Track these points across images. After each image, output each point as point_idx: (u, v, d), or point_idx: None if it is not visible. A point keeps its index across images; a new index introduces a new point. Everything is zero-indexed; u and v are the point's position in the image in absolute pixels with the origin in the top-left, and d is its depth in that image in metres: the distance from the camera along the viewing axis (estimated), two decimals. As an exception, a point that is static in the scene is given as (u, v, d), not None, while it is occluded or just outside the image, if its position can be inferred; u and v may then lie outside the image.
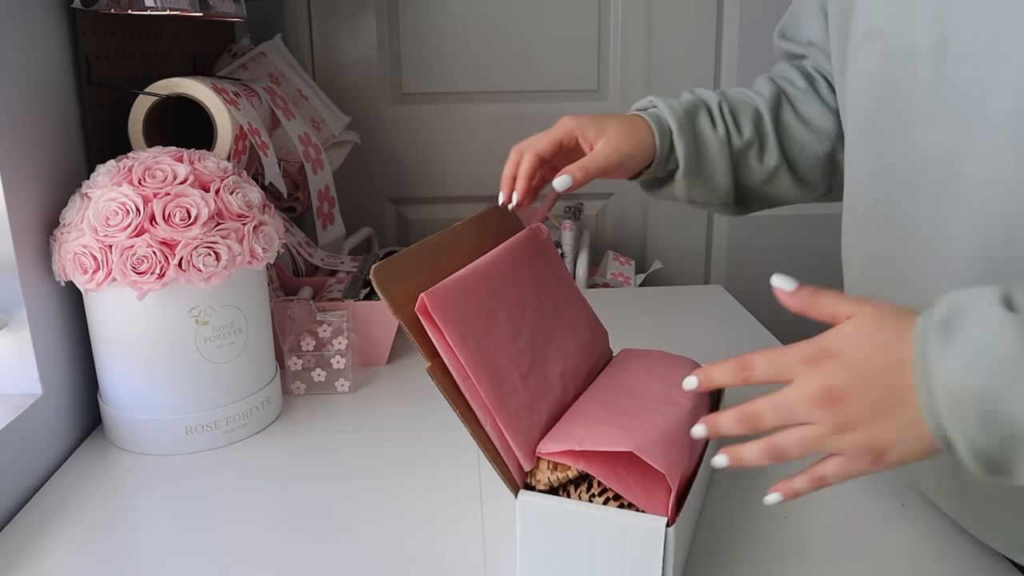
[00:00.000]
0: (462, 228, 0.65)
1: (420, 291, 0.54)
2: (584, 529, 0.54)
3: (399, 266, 0.56)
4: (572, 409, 0.60)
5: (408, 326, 0.54)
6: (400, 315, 0.54)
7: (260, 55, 1.22)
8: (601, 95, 1.57)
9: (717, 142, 0.70)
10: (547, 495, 0.55)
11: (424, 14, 1.51)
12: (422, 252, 0.59)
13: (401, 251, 0.57)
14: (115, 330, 0.75)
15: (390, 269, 0.55)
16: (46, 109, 0.78)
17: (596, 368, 0.69)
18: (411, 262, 0.57)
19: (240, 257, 0.74)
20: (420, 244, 0.59)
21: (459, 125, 1.57)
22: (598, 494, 0.54)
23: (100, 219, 0.71)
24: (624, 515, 0.52)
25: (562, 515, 0.54)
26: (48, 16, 0.79)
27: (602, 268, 1.48)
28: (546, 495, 0.55)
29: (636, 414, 0.58)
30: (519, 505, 0.55)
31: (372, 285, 0.55)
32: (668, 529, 0.51)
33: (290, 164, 1.15)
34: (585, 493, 0.54)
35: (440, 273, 0.58)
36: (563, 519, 0.54)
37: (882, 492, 0.69)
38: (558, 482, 0.55)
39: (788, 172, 0.73)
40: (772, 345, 1.03)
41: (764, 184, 0.74)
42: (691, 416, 0.59)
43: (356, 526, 0.66)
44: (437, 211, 1.62)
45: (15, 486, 0.71)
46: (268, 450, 0.79)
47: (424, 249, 0.59)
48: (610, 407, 0.59)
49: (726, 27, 1.53)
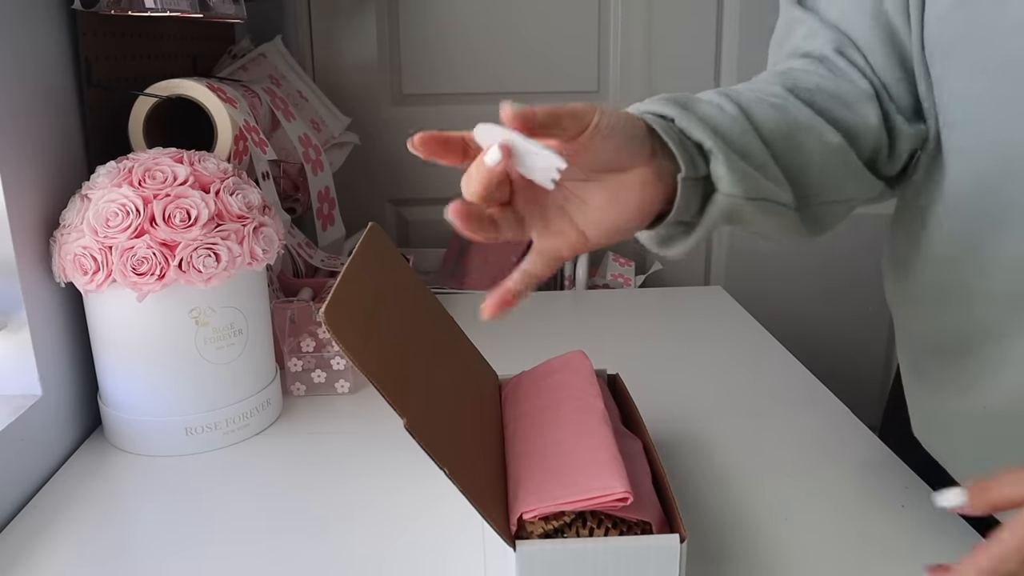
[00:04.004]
0: (359, 256, 0.58)
1: (365, 332, 0.49)
2: (596, 565, 0.50)
3: (345, 305, 0.50)
4: (518, 465, 0.57)
5: (375, 381, 0.48)
6: (361, 365, 0.47)
7: (260, 56, 1.22)
8: (601, 95, 1.57)
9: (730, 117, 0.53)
10: (551, 540, 0.51)
11: (424, 15, 1.51)
12: (349, 287, 0.53)
13: (333, 290, 0.50)
14: (115, 331, 0.75)
15: (338, 309, 0.48)
16: (46, 110, 0.78)
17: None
18: (348, 300, 0.51)
19: (240, 258, 0.74)
20: (343, 277, 0.53)
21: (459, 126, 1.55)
22: (597, 527, 0.51)
23: (100, 220, 0.71)
24: (637, 541, 0.50)
25: (570, 557, 0.50)
26: (48, 17, 0.79)
27: (602, 269, 1.48)
28: (550, 540, 0.51)
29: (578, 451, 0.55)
30: (519, 557, 0.49)
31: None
32: (682, 545, 0.50)
33: (290, 165, 1.15)
34: (583, 529, 0.51)
35: (369, 310, 0.53)
36: (571, 562, 0.50)
37: (882, 493, 0.69)
38: (553, 530, 0.51)
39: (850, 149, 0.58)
40: (771, 345, 1.03)
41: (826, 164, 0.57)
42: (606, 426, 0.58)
43: (356, 527, 0.66)
44: (437, 212, 1.60)
45: (15, 487, 0.71)
46: (268, 451, 0.79)
47: (348, 283, 0.53)
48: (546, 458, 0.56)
49: (726, 27, 1.53)
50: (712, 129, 0.50)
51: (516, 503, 0.53)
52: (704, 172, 0.51)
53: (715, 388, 0.92)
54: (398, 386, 0.50)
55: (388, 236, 0.70)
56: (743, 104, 0.54)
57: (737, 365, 0.98)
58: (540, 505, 0.51)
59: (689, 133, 0.50)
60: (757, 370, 0.97)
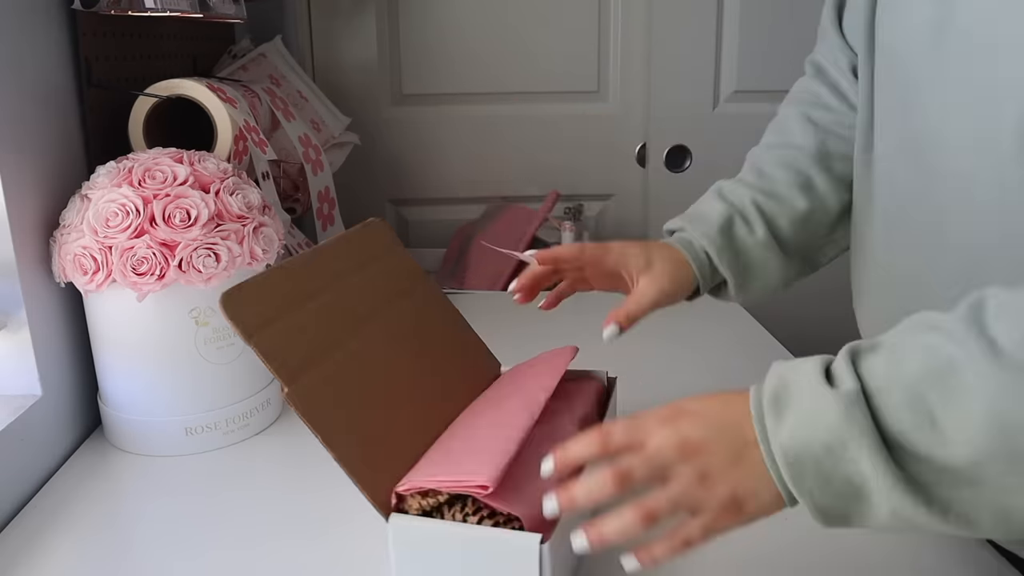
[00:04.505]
0: (325, 247, 0.64)
1: (276, 314, 0.54)
2: (459, 550, 0.52)
3: (252, 290, 0.55)
4: (434, 446, 0.59)
5: (261, 354, 0.53)
6: (252, 342, 0.53)
7: (260, 56, 1.22)
8: (601, 95, 1.57)
9: (759, 246, 0.68)
10: (420, 517, 0.53)
11: (424, 15, 1.51)
12: (279, 274, 0.58)
13: (254, 276, 0.56)
14: (115, 331, 0.75)
15: (241, 294, 0.54)
16: (46, 110, 0.78)
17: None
18: (266, 285, 0.56)
19: (240, 258, 0.74)
20: (277, 266, 0.58)
21: (459, 126, 1.57)
22: (472, 513, 0.52)
23: (100, 220, 0.71)
24: (497, 533, 0.51)
25: (436, 537, 0.52)
26: (48, 17, 0.79)
27: (602, 269, 1.48)
28: (418, 517, 0.53)
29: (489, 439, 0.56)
30: (391, 529, 0.53)
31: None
32: (543, 546, 0.50)
33: (290, 165, 1.15)
34: (459, 513, 0.52)
35: (300, 295, 0.57)
36: (437, 541, 0.52)
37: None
38: (429, 507, 0.53)
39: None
40: (772, 346, 1.03)
41: (833, 233, 0.72)
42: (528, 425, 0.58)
43: (355, 527, 0.66)
44: (437, 212, 1.62)
45: (15, 487, 0.71)
46: (268, 451, 0.79)
47: (283, 270, 0.58)
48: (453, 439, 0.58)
49: (726, 27, 1.53)
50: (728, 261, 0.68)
51: (403, 478, 0.54)
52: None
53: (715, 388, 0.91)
54: (297, 362, 0.54)
55: (390, 230, 0.71)
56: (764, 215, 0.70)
57: (737, 365, 0.98)
58: (413, 481, 0.53)
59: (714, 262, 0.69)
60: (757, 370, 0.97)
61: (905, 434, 0.39)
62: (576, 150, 1.59)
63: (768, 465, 0.43)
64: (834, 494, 0.42)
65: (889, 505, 0.40)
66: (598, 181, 1.61)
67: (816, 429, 0.41)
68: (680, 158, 1.58)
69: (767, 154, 0.72)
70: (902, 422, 0.39)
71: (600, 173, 1.61)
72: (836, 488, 0.41)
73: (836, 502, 0.42)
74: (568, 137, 1.58)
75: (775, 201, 0.69)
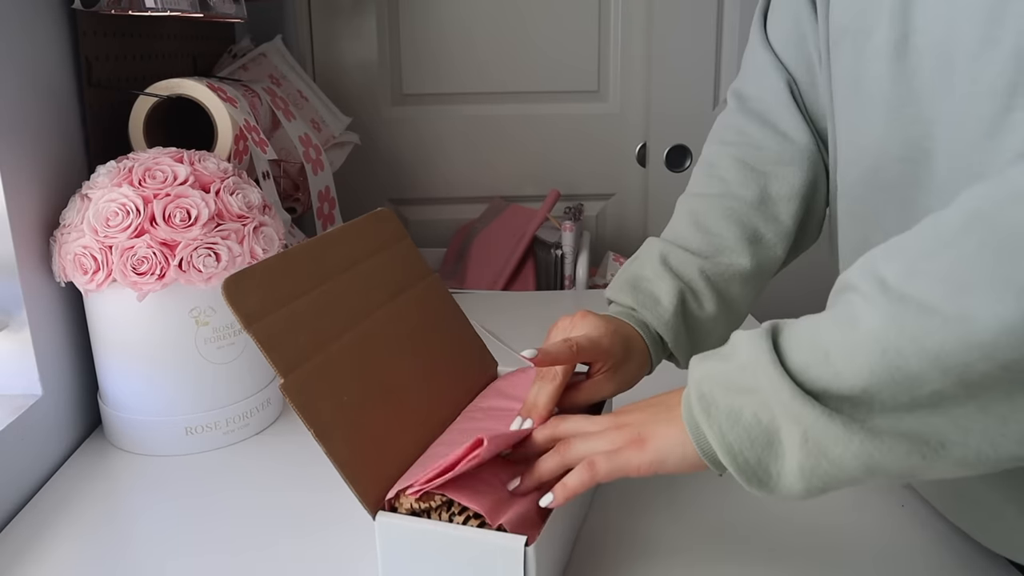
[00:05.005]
0: (331, 235, 0.63)
1: (277, 303, 0.55)
2: (444, 550, 0.52)
3: (256, 277, 0.55)
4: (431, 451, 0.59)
5: (260, 343, 0.53)
6: (252, 330, 0.52)
7: (260, 56, 1.22)
8: (601, 95, 1.57)
9: (709, 320, 0.67)
10: (406, 516, 0.53)
11: (424, 15, 1.51)
12: (283, 262, 0.58)
13: (259, 262, 0.55)
14: (115, 331, 0.75)
15: (244, 281, 0.54)
16: (46, 110, 0.78)
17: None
18: (270, 272, 0.56)
19: (240, 258, 0.74)
20: (282, 253, 0.58)
21: (459, 126, 1.57)
22: (458, 512, 0.52)
23: (100, 220, 0.71)
24: (482, 535, 0.51)
25: (422, 536, 0.53)
26: (48, 17, 0.79)
27: (602, 269, 1.48)
28: (405, 516, 0.53)
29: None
30: (378, 527, 0.53)
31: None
32: (528, 549, 0.50)
33: (290, 165, 1.15)
34: (445, 513, 0.53)
35: (303, 284, 0.57)
36: (423, 540, 0.53)
37: (882, 493, 0.69)
38: (422, 510, 0.53)
39: (801, 237, 0.73)
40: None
41: (782, 268, 0.74)
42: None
43: (356, 527, 0.66)
44: (437, 212, 1.62)
45: (15, 486, 0.71)
46: (268, 451, 0.79)
47: (288, 258, 0.58)
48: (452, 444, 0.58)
49: (726, 27, 1.53)
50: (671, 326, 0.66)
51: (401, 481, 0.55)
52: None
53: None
54: (295, 353, 0.55)
55: (397, 221, 0.71)
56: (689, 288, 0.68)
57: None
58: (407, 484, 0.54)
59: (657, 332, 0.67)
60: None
61: (806, 369, 0.42)
62: (576, 150, 1.59)
63: (683, 407, 0.48)
64: (744, 430, 0.44)
65: (800, 428, 0.42)
66: (598, 181, 1.61)
67: (727, 362, 0.46)
68: (680, 158, 1.58)
69: (706, 205, 0.69)
70: (801, 354, 0.43)
71: (600, 173, 1.61)
72: (745, 424, 0.44)
73: (746, 444, 0.44)
74: (568, 137, 1.58)
75: (723, 266, 0.67)
